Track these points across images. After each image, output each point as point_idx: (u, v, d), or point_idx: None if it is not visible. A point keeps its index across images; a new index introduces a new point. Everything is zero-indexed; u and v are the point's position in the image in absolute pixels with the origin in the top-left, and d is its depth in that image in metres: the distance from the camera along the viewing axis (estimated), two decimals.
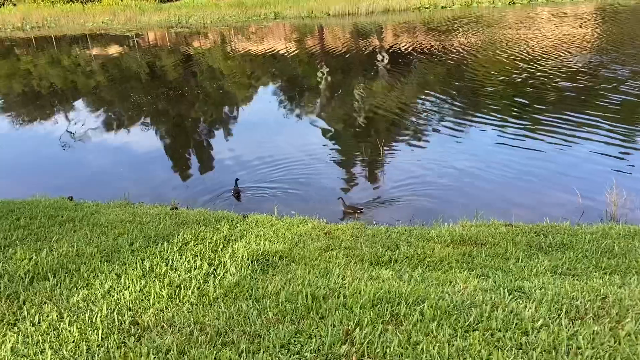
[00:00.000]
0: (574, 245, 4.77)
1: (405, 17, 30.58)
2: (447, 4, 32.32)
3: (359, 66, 19.45)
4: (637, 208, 6.17)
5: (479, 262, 4.49)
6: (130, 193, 7.69)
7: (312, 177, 8.73)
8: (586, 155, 8.64)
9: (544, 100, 11.89)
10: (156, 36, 32.72)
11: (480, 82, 14.44)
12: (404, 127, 11.53)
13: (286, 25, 31.80)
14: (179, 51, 26.20)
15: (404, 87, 15.18)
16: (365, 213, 7.11)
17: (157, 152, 11.44)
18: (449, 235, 5.18)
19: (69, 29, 37.56)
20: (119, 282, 3.96)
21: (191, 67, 22.19)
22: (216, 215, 5.95)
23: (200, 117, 14.31)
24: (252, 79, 19.20)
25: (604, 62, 14.96)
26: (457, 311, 3.45)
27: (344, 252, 4.76)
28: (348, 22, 31.02)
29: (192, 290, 3.82)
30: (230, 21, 34.65)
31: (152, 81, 19.87)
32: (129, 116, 14.88)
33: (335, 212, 7.21)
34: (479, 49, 18.84)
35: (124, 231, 5.21)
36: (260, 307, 3.57)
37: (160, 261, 4.36)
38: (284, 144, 10.70)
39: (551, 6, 29.64)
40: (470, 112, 11.68)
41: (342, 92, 15.69)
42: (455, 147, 9.72)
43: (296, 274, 4.19)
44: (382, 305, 3.53)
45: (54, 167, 10.63)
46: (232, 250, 4.65)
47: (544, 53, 16.92)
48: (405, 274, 4.21)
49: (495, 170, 8.33)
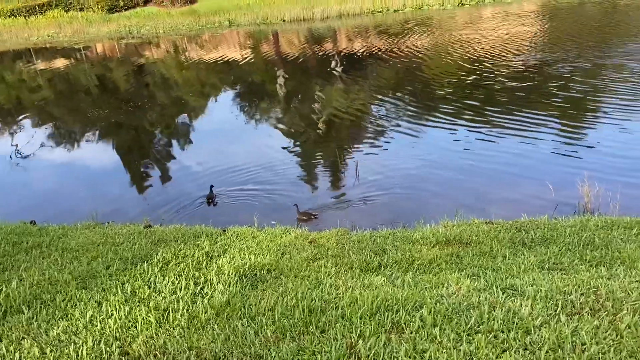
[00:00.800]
0: (555, 239, 4.85)
1: (359, 21, 30.88)
2: (399, 7, 32.82)
3: (315, 71, 19.46)
4: (608, 199, 6.36)
5: (467, 262, 4.50)
6: (94, 211, 7.36)
7: (277, 184, 8.64)
8: (548, 150, 8.90)
9: (496, 100, 12.17)
10: (105, 48, 31.73)
11: (434, 82, 14.68)
12: (363, 129, 11.59)
13: (241, 33, 31.49)
14: (131, 62, 25.49)
15: (360, 90, 15.27)
16: (326, 218, 7.05)
17: (116, 167, 11.04)
18: (433, 236, 5.18)
19: (12, 44, 35.89)
20: (100, 310, 3.73)
21: (144, 77, 21.62)
22: (194, 231, 5.74)
23: (157, 128, 13.92)
24: (208, 88, 18.87)
25: (547, 60, 15.48)
26: (456, 314, 3.42)
27: (332, 261, 4.67)
28: (303, 28, 31.03)
29: (181, 313, 3.64)
30: (183, 30, 34.00)
31: (104, 94, 19.23)
32: (82, 131, 14.31)
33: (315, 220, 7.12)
34: (431, 51, 19.21)
35: (98, 254, 4.93)
36: (256, 326, 3.44)
37: (142, 284, 4.15)
38: (245, 152, 10.55)
39: (498, 6, 30.60)
40: (427, 113, 11.85)
41: (300, 97, 15.64)
42: (416, 148, 9.84)
43: (287, 287, 4.07)
44: (382, 314, 3.46)
45: (7, 189, 10.07)
46: (217, 267, 4.48)
47: (491, 53, 17.39)
48: (397, 279, 4.17)
49: (462, 169, 8.46)
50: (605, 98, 11.40)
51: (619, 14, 24.28)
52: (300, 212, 7.11)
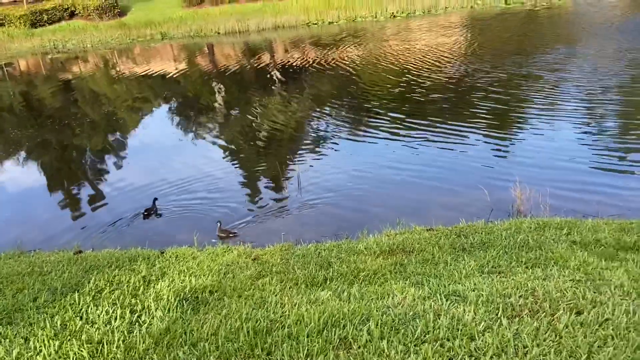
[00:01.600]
0: (493, 243, 5.00)
1: (295, 33, 31.04)
2: (334, 19, 33.30)
3: (252, 83, 19.33)
4: (539, 201, 6.65)
5: (411, 270, 4.54)
6: (21, 240, 6.86)
7: (217, 200, 8.44)
8: (479, 157, 9.20)
9: (425, 110, 12.46)
10: (29, 64, 30.07)
11: (367, 94, 14.90)
12: (303, 141, 11.60)
13: (174, 46, 30.82)
14: (57, 78, 24.26)
15: (298, 102, 15.32)
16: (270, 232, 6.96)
17: (43, 189, 10.40)
18: (377, 246, 5.20)
19: None
20: (27, 347, 3.44)
21: (72, 93, 20.64)
22: (130, 255, 5.45)
23: (88, 146, 13.27)
24: (141, 102, 18.27)
25: (469, 70, 16.10)
26: (402, 325, 3.42)
27: (276, 278, 4.57)
28: (239, 40, 30.81)
29: (117, 345, 3.42)
30: (113, 44, 32.82)
31: (29, 112, 18.16)
32: (5, 152, 13.41)
33: (256, 235, 6.99)
34: (363, 62, 19.61)
35: (24, 286, 4.58)
36: (199, 353, 3.28)
37: (73, 315, 3.87)
38: (183, 167, 10.26)
39: (427, 18, 31.76)
40: (363, 124, 12.01)
41: (238, 110, 15.45)
42: (355, 158, 9.95)
43: (231, 308, 3.93)
44: (329, 330, 3.40)
45: None
46: (155, 292, 4.26)
47: (418, 64, 17.91)
48: (343, 293, 4.13)
49: (401, 178, 8.61)
50: (526, 106, 12.00)
51: (534, 24, 25.84)
52: (221, 229, 7.11)
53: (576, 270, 4.10)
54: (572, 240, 4.94)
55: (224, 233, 7.05)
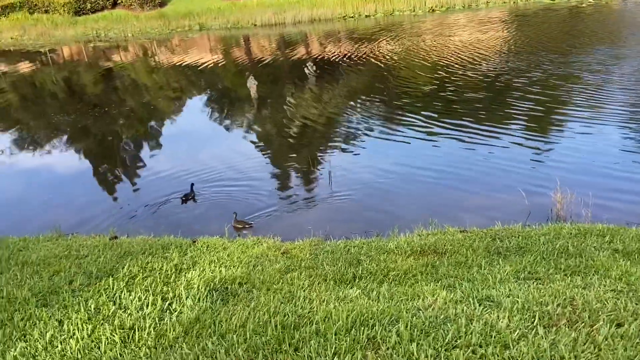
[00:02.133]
0: (530, 248, 4.85)
1: (330, 26, 30.91)
2: (371, 12, 33.00)
3: (287, 76, 19.37)
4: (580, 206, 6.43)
5: (442, 272, 4.44)
6: (58, 222, 7.06)
7: (249, 191, 8.49)
8: (518, 158, 8.94)
9: (465, 107, 12.22)
10: (72, 51, 30.90)
11: (404, 88, 14.73)
12: (336, 135, 11.54)
13: (212, 37, 31.15)
14: (99, 66, 24.88)
15: (332, 95, 15.25)
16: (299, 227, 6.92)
17: (81, 174, 10.68)
18: (408, 245, 5.12)
19: None
20: (61, 330, 3.52)
21: (112, 81, 21.12)
22: (163, 242, 5.54)
23: (126, 134, 13.56)
24: (178, 92, 18.54)
25: (513, 67, 15.70)
26: (433, 328, 3.35)
27: (305, 273, 4.55)
28: (275, 32, 30.89)
29: (147, 332, 3.46)
30: (152, 34, 33.42)
31: (71, 98, 18.68)
32: (47, 137, 13.84)
33: (286, 228, 6.98)
34: (400, 56, 19.35)
35: (60, 269, 4.69)
36: (227, 344, 3.29)
37: (106, 300, 3.95)
38: (216, 158, 10.35)
39: (467, 12, 31.11)
40: (399, 119, 11.85)
41: (272, 102, 15.50)
42: (389, 154, 9.80)
43: (259, 301, 3.93)
44: (357, 329, 3.36)
45: None
46: (186, 281, 4.31)
47: (459, 59, 17.59)
48: (372, 292, 4.08)
49: (435, 176, 8.46)
50: (566, 108, 11.59)
51: (578, 22, 24.95)
52: (237, 220, 7.17)
53: (618, 280, 3.94)
54: (615, 248, 4.75)
55: (239, 224, 7.12)
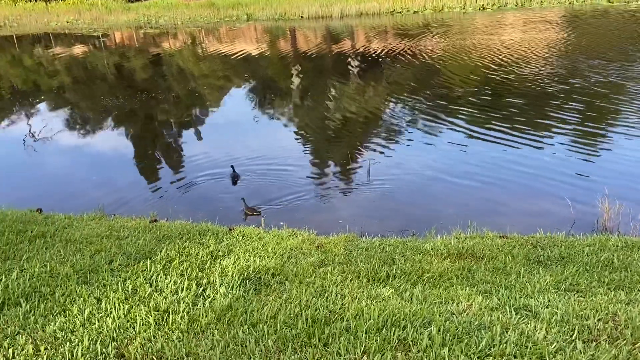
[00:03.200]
0: (573, 259, 4.68)
1: (377, 21, 30.65)
2: (419, 8, 32.55)
3: (330, 69, 19.33)
4: (629, 218, 6.16)
5: (479, 277, 4.34)
6: (102, 202, 7.29)
7: (286, 182, 8.52)
8: (566, 164, 8.64)
9: (512, 109, 11.88)
10: (123, 36, 31.82)
11: (449, 87, 14.46)
12: (376, 131, 11.44)
13: (258, 27, 31.42)
14: (148, 52, 25.51)
15: (375, 90, 15.12)
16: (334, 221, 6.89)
17: (126, 156, 10.99)
18: (444, 247, 5.02)
19: (31, 29, 36.19)
20: (99, 308, 3.63)
21: (160, 68, 21.61)
22: (200, 228, 5.63)
23: (171, 119, 13.86)
24: (223, 81, 18.80)
25: (565, 70, 15.16)
26: (466, 334, 3.27)
27: (338, 268, 4.53)
28: (320, 25, 30.88)
29: (181, 316, 3.53)
30: (201, 22, 34.02)
31: (120, 82, 19.25)
32: (96, 119, 14.32)
33: (321, 221, 6.98)
34: (447, 54, 18.97)
35: (101, 248, 4.84)
36: (257, 334, 3.31)
37: (143, 282, 4.04)
38: (256, 147, 10.44)
39: (520, 11, 30.21)
40: (441, 118, 11.62)
41: (314, 94, 15.50)
42: (429, 153, 9.63)
43: (291, 293, 3.94)
44: (388, 329, 3.32)
45: (18, 174, 10.06)
46: (220, 268, 4.36)
47: (509, 59, 17.11)
48: (405, 292, 4.02)
49: (476, 178, 8.26)
50: (625, 115, 11.10)
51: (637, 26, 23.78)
52: (247, 206, 7.32)
53: None
54: None
55: (249, 211, 7.27)
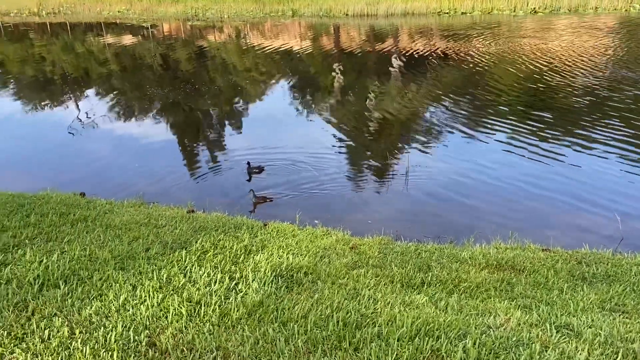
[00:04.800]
0: (619, 277, 4.45)
1: (424, 21, 30.20)
2: (468, 9, 31.89)
3: (373, 68, 19.16)
4: None
5: (519, 291, 4.18)
6: (142, 190, 7.45)
7: (323, 180, 8.48)
8: (616, 178, 8.26)
9: (561, 118, 11.47)
10: (171, 28, 32.49)
11: (494, 92, 14.08)
12: (416, 133, 11.26)
13: (302, 23, 31.49)
14: (194, 44, 25.95)
15: (417, 92, 14.87)
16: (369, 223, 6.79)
17: (168, 146, 11.19)
18: (483, 257, 4.87)
19: (84, 17, 37.43)
20: (134, 295, 3.68)
21: (205, 60, 21.94)
22: (235, 222, 5.65)
23: (212, 111, 14.04)
24: (264, 75, 18.92)
25: (619, 79, 14.52)
26: (503, 350, 3.14)
27: (372, 271, 4.46)
28: (365, 23, 30.67)
29: (212, 309, 3.53)
30: (247, 16, 34.39)
31: (165, 73, 19.64)
32: (141, 107, 14.65)
33: (356, 222, 6.91)
34: (495, 58, 18.49)
35: (139, 235, 4.92)
36: (287, 333, 3.28)
37: (178, 272, 4.07)
38: (295, 143, 10.45)
39: (573, 16, 29.17)
40: (485, 124, 11.32)
41: (355, 93, 15.39)
42: (470, 159, 9.39)
43: (323, 293, 3.89)
44: (421, 338, 3.23)
45: (63, 157, 10.38)
46: (254, 263, 4.36)
47: (559, 66, 16.53)
48: (440, 301, 3.91)
49: (520, 187, 8.00)
50: None
51: None
52: (256, 196, 7.56)
53: None
54: None
55: (259, 200, 7.50)
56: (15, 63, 22.32)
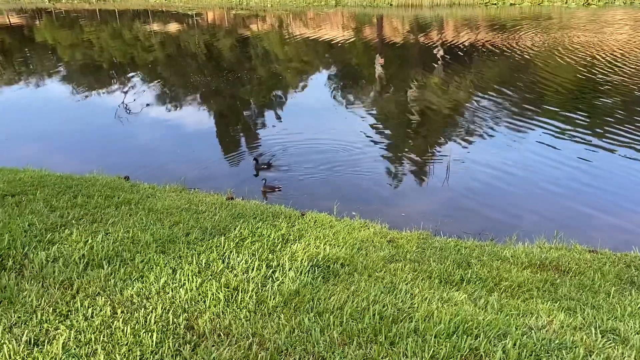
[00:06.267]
0: None
1: (470, 12, 29.46)
2: (517, 0, 30.90)
3: (415, 59, 18.85)
4: None
5: (563, 292, 4.03)
6: (183, 175, 7.57)
7: (361, 172, 8.42)
8: None
9: (611, 115, 10.95)
10: (215, 16, 32.88)
11: (541, 86, 13.59)
12: (459, 127, 11.00)
13: (345, 13, 31.26)
14: (237, 32, 26.19)
15: (461, 85, 14.53)
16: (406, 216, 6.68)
17: (209, 133, 11.36)
18: (526, 256, 4.72)
19: (132, 4, 38.34)
20: (174, 278, 3.74)
21: (247, 49, 22.11)
22: (273, 210, 5.68)
23: (253, 99, 14.15)
24: (305, 65, 18.90)
25: None
26: (545, 353, 3.04)
27: (410, 266, 4.39)
28: (410, 14, 30.18)
29: (249, 295, 3.56)
30: (290, 6, 34.43)
31: (208, 61, 19.91)
32: (184, 95, 14.91)
33: (394, 215, 6.84)
34: (544, 51, 17.84)
35: (180, 220, 5.01)
36: (323, 323, 3.27)
37: (216, 258, 4.12)
38: (335, 134, 10.41)
39: (628, 9, 27.81)
40: (530, 119, 10.96)
41: (396, 85, 15.18)
42: (514, 154, 9.12)
43: (360, 285, 3.86)
44: (459, 336, 3.15)
45: (109, 142, 10.69)
46: (290, 252, 4.36)
47: (610, 61, 15.78)
48: (480, 299, 3.81)
49: (566, 185, 7.71)
50: None
51: None
52: (266, 185, 7.74)
53: None
54: None
55: (269, 189, 7.71)
56: (66, 49, 23.12)
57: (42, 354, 2.76)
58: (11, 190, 5.53)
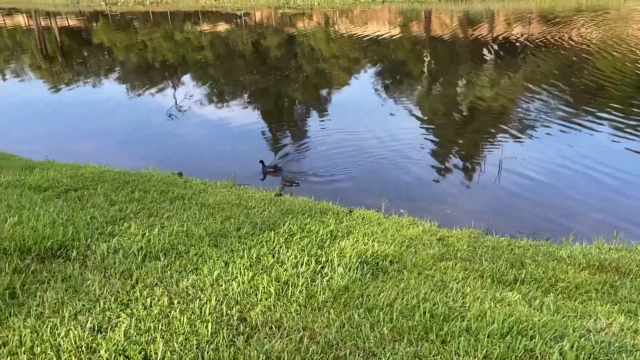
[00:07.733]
0: None
1: (523, 5, 28.55)
2: None
3: (464, 54, 18.45)
4: None
5: (623, 294, 3.87)
6: (232, 171, 7.74)
7: (410, 169, 8.33)
8: None
9: None
10: (263, 16, 33.33)
11: (597, 81, 12.99)
12: (510, 123, 10.70)
13: (392, 9, 30.97)
14: (284, 31, 26.45)
15: (511, 80, 14.10)
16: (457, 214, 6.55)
17: (257, 131, 11.54)
18: (583, 257, 4.55)
19: (183, 5, 39.41)
20: (226, 271, 3.84)
21: (294, 47, 22.29)
22: (321, 207, 5.73)
23: (300, 97, 14.26)
24: (352, 62, 18.86)
25: None
26: (604, 355, 2.93)
27: (460, 264, 4.32)
28: (459, 8, 29.56)
29: (300, 290, 3.60)
30: (337, 3, 34.45)
31: (256, 60, 20.22)
32: (233, 93, 15.22)
33: (444, 213, 6.74)
34: (600, 46, 17.04)
35: (231, 215, 5.13)
36: (373, 319, 3.27)
37: (266, 252, 4.20)
38: (383, 131, 10.37)
39: None
40: (586, 114, 10.52)
41: (445, 81, 14.92)
42: (569, 151, 8.79)
43: (409, 283, 3.84)
44: (514, 337, 3.08)
45: (163, 139, 11.05)
46: (339, 248, 4.39)
47: None
48: (535, 300, 3.71)
49: (626, 183, 7.38)
50: None
51: None
52: (284, 180, 8.02)
53: None
54: None
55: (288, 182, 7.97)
56: (121, 50, 24.05)
57: (105, 340, 2.90)
58: (74, 185, 5.83)
